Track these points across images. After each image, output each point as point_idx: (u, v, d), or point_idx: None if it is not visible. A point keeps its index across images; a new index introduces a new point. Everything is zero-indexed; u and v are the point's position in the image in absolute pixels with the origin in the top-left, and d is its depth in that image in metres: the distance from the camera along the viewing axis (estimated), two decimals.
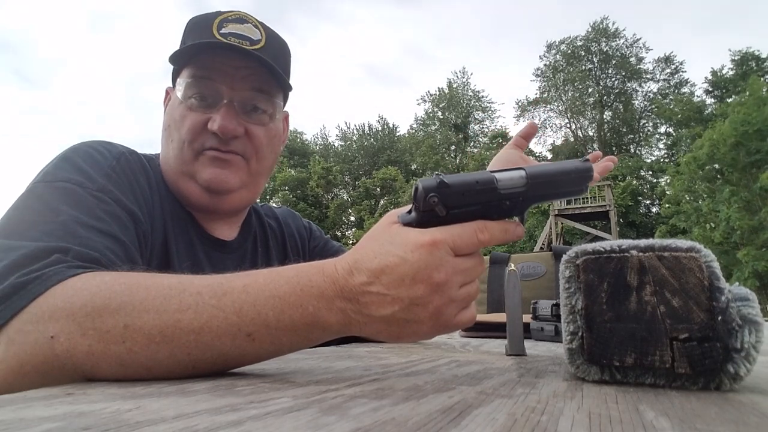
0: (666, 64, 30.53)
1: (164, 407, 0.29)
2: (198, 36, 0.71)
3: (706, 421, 0.28)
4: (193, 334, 0.41)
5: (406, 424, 0.26)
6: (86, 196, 0.57)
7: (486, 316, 1.21)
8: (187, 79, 0.71)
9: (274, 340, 0.43)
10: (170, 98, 0.77)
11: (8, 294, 0.43)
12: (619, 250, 0.40)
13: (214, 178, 0.71)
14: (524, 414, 0.29)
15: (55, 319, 0.42)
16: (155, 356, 0.41)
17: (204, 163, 0.71)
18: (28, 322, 0.42)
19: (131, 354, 0.41)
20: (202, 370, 0.43)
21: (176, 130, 0.72)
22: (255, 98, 0.73)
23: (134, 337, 0.41)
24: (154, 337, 0.41)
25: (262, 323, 0.42)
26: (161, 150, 0.77)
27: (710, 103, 25.65)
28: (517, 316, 0.66)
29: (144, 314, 0.41)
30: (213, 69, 0.70)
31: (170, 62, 0.74)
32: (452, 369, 0.50)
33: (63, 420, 0.26)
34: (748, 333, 0.36)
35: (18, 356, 0.42)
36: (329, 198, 31.43)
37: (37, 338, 0.41)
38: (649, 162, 28.02)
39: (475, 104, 35.35)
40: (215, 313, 0.42)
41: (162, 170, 0.76)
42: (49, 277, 0.44)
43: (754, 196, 14.31)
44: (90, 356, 0.40)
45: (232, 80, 0.71)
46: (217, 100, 0.71)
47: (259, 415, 0.27)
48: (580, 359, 0.41)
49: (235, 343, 0.42)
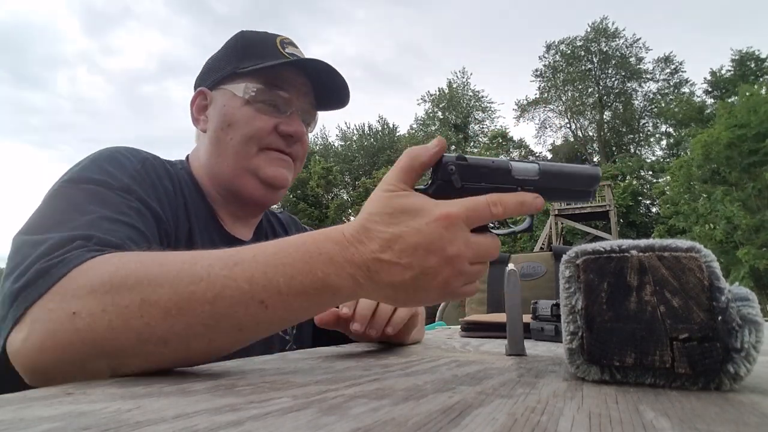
0: (666, 64, 30.54)
1: (164, 407, 0.29)
2: (264, 52, 0.80)
3: (706, 421, 0.28)
4: (208, 305, 0.43)
5: (406, 424, 0.26)
6: (111, 195, 0.60)
7: (486, 316, 1.20)
8: (258, 86, 0.78)
9: (286, 306, 0.44)
10: (210, 100, 0.81)
11: (33, 279, 0.46)
12: (619, 250, 0.40)
13: (278, 176, 0.80)
14: (524, 414, 0.29)
15: (77, 296, 0.43)
16: (172, 329, 0.42)
17: (267, 161, 0.79)
18: (50, 301, 0.44)
19: (149, 328, 0.42)
20: (219, 344, 0.44)
21: (240, 129, 0.78)
22: (311, 111, 0.85)
23: (151, 311, 0.42)
24: (170, 310, 0.42)
25: (274, 290, 0.44)
26: (208, 148, 0.81)
27: (710, 103, 25.64)
28: (517, 316, 0.66)
29: (159, 288, 0.43)
30: (284, 81, 0.80)
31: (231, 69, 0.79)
32: (452, 369, 0.50)
33: (63, 420, 0.26)
34: (748, 333, 0.36)
35: (41, 334, 0.43)
36: (329, 198, 31.41)
37: (59, 315, 0.43)
38: (650, 162, 28.00)
39: (475, 104, 35.36)
40: (227, 282, 0.43)
41: (199, 168, 0.82)
42: (70, 260, 0.46)
43: (749, 195, 14.31)
44: (110, 331, 0.42)
45: (298, 93, 0.81)
46: (284, 108, 0.80)
47: (259, 415, 0.27)
48: (580, 359, 0.41)
49: (249, 311, 0.43)
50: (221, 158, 0.79)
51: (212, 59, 0.85)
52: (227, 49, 0.83)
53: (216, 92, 0.81)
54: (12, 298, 0.46)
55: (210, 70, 0.84)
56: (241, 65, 0.79)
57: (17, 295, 0.46)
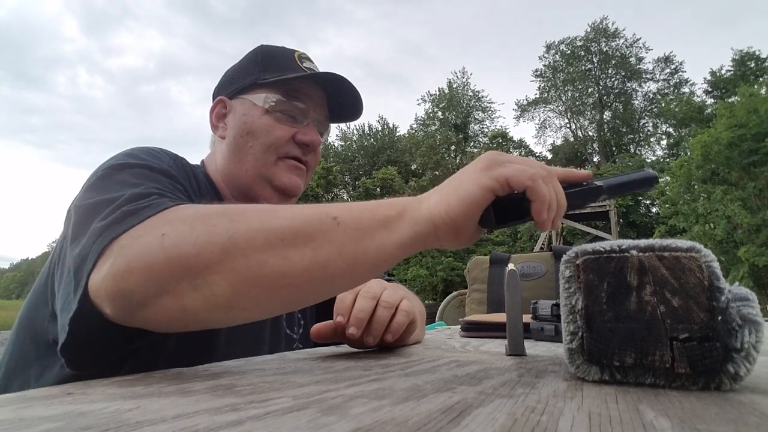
0: (666, 64, 30.54)
1: (164, 407, 0.29)
2: (283, 65, 0.84)
3: (706, 421, 0.28)
4: (287, 220, 0.47)
5: (406, 424, 0.26)
6: (157, 176, 0.63)
7: (486, 316, 1.20)
8: (277, 96, 0.82)
9: (356, 223, 0.47)
10: (230, 108, 0.85)
11: (120, 218, 0.49)
12: (619, 250, 0.40)
13: (292, 184, 0.84)
14: (524, 414, 0.29)
15: (166, 222, 0.47)
16: (253, 242, 0.45)
17: (284, 169, 0.83)
18: (140, 229, 0.47)
19: (232, 241, 0.45)
20: (293, 263, 0.46)
21: (259, 137, 0.82)
22: (325, 122, 0.89)
23: (237, 227, 0.46)
24: (253, 224, 0.46)
25: (346, 208, 0.49)
26: (226, 154, 0.84)
27: (710, 104, 25.65)
28: (517, 316, 0.66)
29: (246, 212, 0.48)
30: (302, 93, 0.84)
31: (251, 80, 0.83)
32: (452, 369, 0.50)
33: (63, 420, 0.26)
34: (748, 333, 0.36)
35: (127, 257, 0.46)
36: (329, 198, 31.39)
37: (147, 239, 0.46)
38: (650, 162, 27.99)
39: (475, 104, 35.34)
40: (307, 207, 0.49)
41: (216, 173, 0.85)
42: (159, 204, 0.50)
43: (749, 195, 14.32)
44: (195, 246, 0.45)
45: (314, 105, 0.86)
46: (301, 118, 0.84)
47: (259, 415, 0.27)
48: (580, 359, 0.41)
49: (323, 227, 0.47)
50: (240, 164, 0.82)
51: (232, 70, 0.89)
52: (248, 61, 0.87)
53: (236, 101, 0.85)
54: (96, 234, 0.48)
55: (230, 80, 0.87)
56: (262, 76, 0.83)
57: (102, 231, 0.48)
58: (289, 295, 0.47)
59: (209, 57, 78.61)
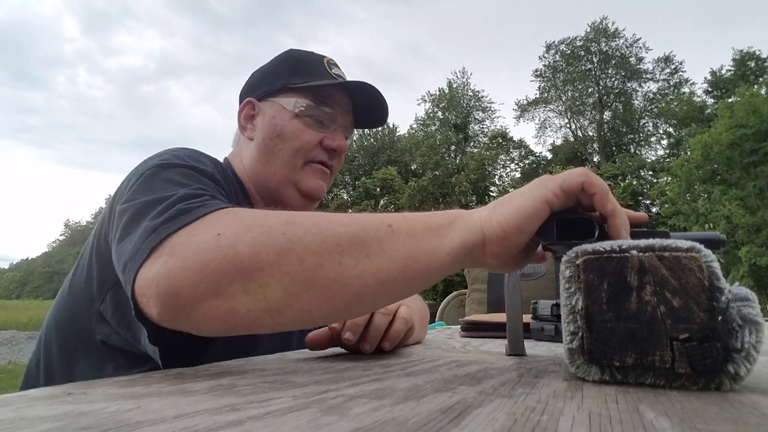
0: (666, 64, 30.53)
1: (164, 407, 0.29)
2: (312, 69, 0.86)
3: (706, 421, 0.28)
4: (343, 226, 0.47)
5: (406, 424, 0.26)
6: (202, 179, 0.64)
7: (486, 316, 1.20)
8: (307, 101, 0.84)
9: (410, 230, 0.47)
10: (258, 110, 0.86)
11: (174, 215, 0.49)
12: (620, 250, 0.40)
13: (317, 188, 0.85)
14: (524, 414, 0.29)
15: (222, 222, 0.47)
16: (310, 246, 0.45)
17: (310, 174, 0.85)
18: (194, 227, 0.47)
19: (289, 243, 0.45)
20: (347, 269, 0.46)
21: (289, 141, 0.83)
22: (350, 127, 0.92)
23: (294, 229, 0.46)
24: (310, 228, 0.46)
25: (401, 216, 0.49)
26: (254, 155, 0.85)
27: (711, 104, 25.65)
28: (517, 316, 0.66)
29: (303, 218, 0.48)
30: (330, 99, 0.86)
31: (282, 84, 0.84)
32: (452, 369, 0.50)
33: (63, 420, 0.26)
34: (749, 333, 0.36)
35: (182, 254, 0.45)
36: (329, 198, 31.40)
37: (203, 237, 0.46)
38: (650, 162, 28.00)
39: (475, 104, 35.33)
40: (363, 217, 0.49)
41: (243, 173, 0.86)
42: (212, 204, 0.50)
43: (749, 194, 14.32)
44: (252, 247, 0.45)
45: (341, 111, 0.87)
46: (329, 123, 0.86)
47: (259, 415, 0.27)
48: (580, 359, 0.41)
49: (378, 234, 0.47)
50: (268, 166, 0.84)
51: (261, 72, 0.90)
52: (278, 64, 0.88)
53: (265, 104, 0.86)
54: (149, 231, 0.48)
55: (259, 82, 0.88)
56: (292, 81, 0.84)
57: (155, 228, 0.48)
58: (340, 301, 0.46)
59: (209, 57, 78.57)
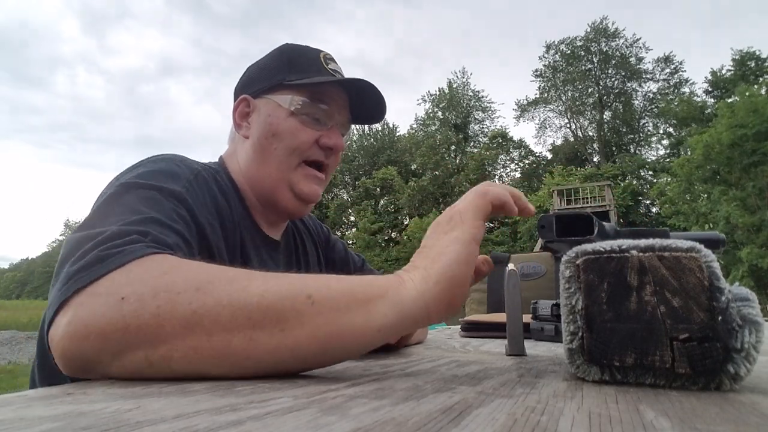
0: (666, 64, 30.54)
1: (164, 407, 0.29)
2: (308, 65, 0.84)
3: (706, 421, 0.28)
4: (257, 297, 0.43)
5: (406, 424, 0.26)
6: (163, 201, 0.61)
7: (486, 316, 1.20)
8: (303, 99, 0.81)
9: (332, 303, 0.44)
10: (253, 107, 0.84)
11: (89, 264, 0.46)
12: (619, 250, 0.40)
13: (312, 192, 0.83)
14: (524, 414, 0.29)
15: (129, 284, 0.44)
16: (218, 319, 0.42)
17: (304, 177, 0.83)
18: (101, 286, 0.44)
19: (196, 316, 0.42)
20: (258, 345, 0.42)
21: (284, 140, 0.81)
22: (347, 124, 0.88)
23: (202, 298, 0.43)
24: (222, 299, 0.43)
25: (323, 284, 0.45)
26: (250, 155, 0.83)
27: (711, 103, 25.65)
28: (517, 316, 0.66)
29: (216, 282, 0.44)
30: (327, 96, 0.83)
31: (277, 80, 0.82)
32: (452, 369, 0.50)
33: (63, 420, 0.26)
34: (749, 333, 0.36)
35: (84, 319, 0.43)
36: (329, 198, 31.39)
37: (107, 300, 0.43)
38: (650, 162, 27.99)
39: (475, 104, 35.35)
40: (281, 280, 0.45)
41: (238, 173, 0.84)
42: (129, 252, 0.47)
43: (749, 195, 14.32)
44: (156, 317, 0.42)
45: (338, 108, 0.85)
46: (325, 121, 0.83)
47: (259, 415, 0.27)
48: (580, 359, 0.41)
49: (295, 305, 0.43)
50: (264, 166, 0.82)
51: (256, 68, 0.87)
52: (273, 60, 0.86)
53: (260, 101, 0.83)
54: (65, 279, 0.46)
55: (254, 79, 0.86)
56: (288, 77, 0.82)
57: (70, 277, 0.46)
58: (252, 373, 0.44)
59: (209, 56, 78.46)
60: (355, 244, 27.38)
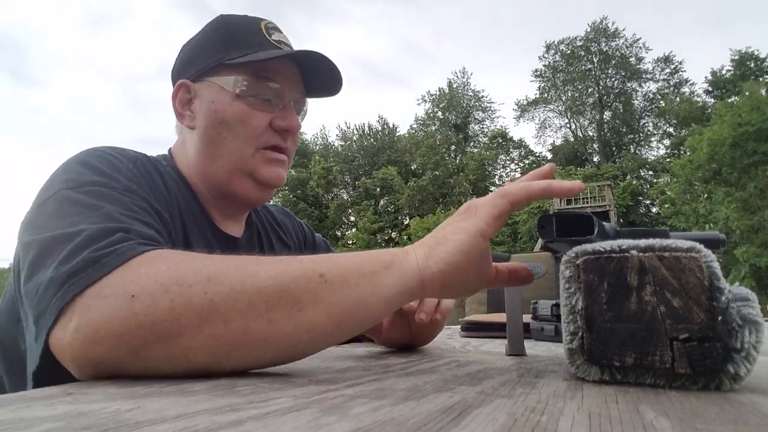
0: (665, 64, 30.55)
1: (164, 407, 0.29)
2: (250, 39, 0.74)
3: (706, 421, 0.28)
4: (271, 279, 0.43)
5: (406, 424, 0.26)
6: (117, 195, 0.56)
7: (486, 316, 1.21)
8: (248, 78, 0.72)
9: (344, 280, 0.45)
10: (194, 93, 0.75)
11: (82, 267, 0.44)
12: (620, 251, 0.40)
13: (275, 176, 0.76)
14: (524, 414, 0.29)
15: (135, 281, 0.43)
16: (235, 306, 0.42)
17: (264, 162, 0.75)
18: (105, 287, 0.43)
19: (212, 305, 0.42)
20: (277, 327, 0.43)
21: (233, 128, 0.73)
22: (301, 100, 0.80)
23: (216, 287, 0.42)
24: (236, 286, 0.43)
25: (334, 264, 0.46)
26: (198, 147, 0.75)
27: (711, 103, 25.66)
28: (517, 316, 0.66)
29: (226, 270, 0.44)
30: (275, 72, 0.74)
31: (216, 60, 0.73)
32: (452, 369, 0.50)
33: (63, 420, 0.26)
34: (749, 333, 0.36)
35: (93, 322, 0.41)
36: (329, 198, 31.39)
37: (116, 300, 0.42)
38: (650, 162, 28.00)
39: (475, 104, 35.37)
40: (291, 262, 0.45)
41: (188, 167, 0.77)
42: (124, 251, 0.45)
43: (750, 195, 14.33)
44: (170, 312, 0.41)
45: (289, 84, 0.76)
46: (276, 100, 0.75)
47: (259, 415, 0.27)
48: (580, 359, 0.41)
49: (309, 285, 0.44)
50: (214, 158, 0.74)
51: (190, 48, 0.78)
52: (208, 36, 0.76)
53: (200, 85, 0.74)
54: (56, 285, 0.44)
55: (190, 60, 0.76)
56: (227, 56, 0.72)
57: (63, 282, 0.44)
58: (271, 359, 0.45)
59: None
60: (355, 244, 27.39)
